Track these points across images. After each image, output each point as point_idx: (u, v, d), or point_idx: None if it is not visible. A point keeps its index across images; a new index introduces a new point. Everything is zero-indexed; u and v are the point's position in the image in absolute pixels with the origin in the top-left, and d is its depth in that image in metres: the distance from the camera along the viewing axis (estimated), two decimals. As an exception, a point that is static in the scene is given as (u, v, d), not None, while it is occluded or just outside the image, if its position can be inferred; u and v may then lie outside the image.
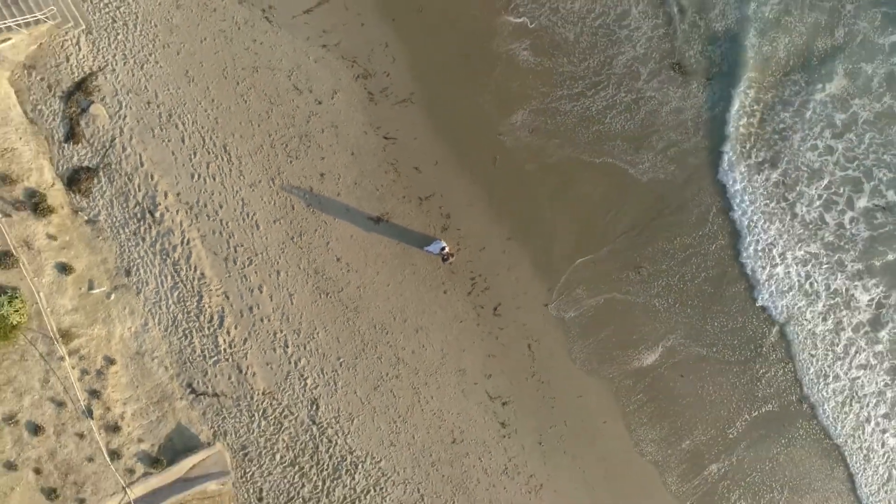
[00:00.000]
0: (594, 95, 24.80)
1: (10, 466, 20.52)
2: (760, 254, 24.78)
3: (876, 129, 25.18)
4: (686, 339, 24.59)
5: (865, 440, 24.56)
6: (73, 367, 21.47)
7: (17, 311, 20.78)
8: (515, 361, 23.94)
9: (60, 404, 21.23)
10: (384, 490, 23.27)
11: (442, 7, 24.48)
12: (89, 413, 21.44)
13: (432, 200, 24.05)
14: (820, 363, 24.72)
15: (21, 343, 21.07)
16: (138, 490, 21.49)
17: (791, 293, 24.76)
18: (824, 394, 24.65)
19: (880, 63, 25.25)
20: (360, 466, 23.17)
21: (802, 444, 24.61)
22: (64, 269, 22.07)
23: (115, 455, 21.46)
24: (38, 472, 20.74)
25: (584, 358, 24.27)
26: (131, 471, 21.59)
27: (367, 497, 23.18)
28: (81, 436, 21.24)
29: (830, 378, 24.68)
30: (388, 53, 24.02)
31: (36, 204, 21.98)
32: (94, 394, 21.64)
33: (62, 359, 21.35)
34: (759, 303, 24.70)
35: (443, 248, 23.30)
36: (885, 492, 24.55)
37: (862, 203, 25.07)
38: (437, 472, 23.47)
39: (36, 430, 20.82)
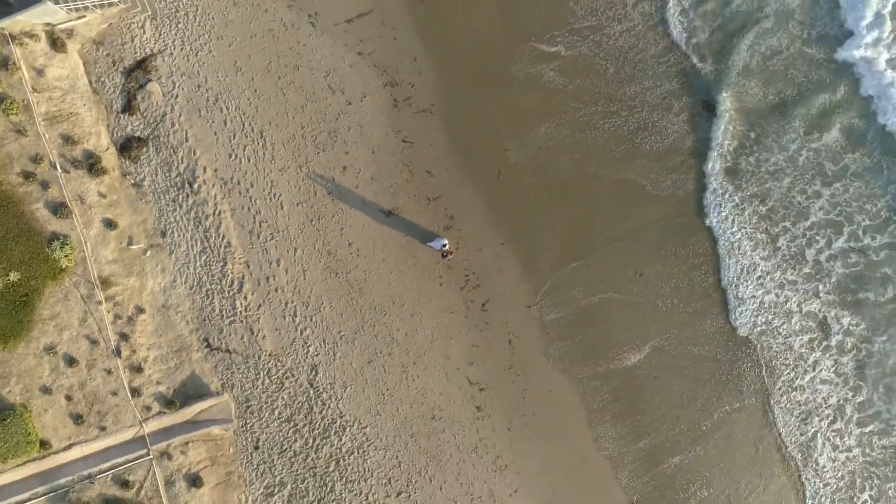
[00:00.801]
0: (627, 117, 27.29)
1: (46, 391, 23.47)
2: (740, 274, 27.44)
3: (862, 182, 27.66)
4: (659, 347, 27.25)
5: (819, 452, 27.35)
6: (108, 312, 24.40)
7: (66, 256, 23.73)
8: (496, 354, 26.73)
9: (94, 342, 24.17)
10: (366, 453, 26.11)
11: (468, 30, 27.25)
12: (117, 353, 24.36)
13: (439, 202, 26.88)
14: (788, 375, 27.41)
15: (66, 285, 24.00)
16: (152, 425, 24.40)
17: (765, 312, 27.44)
18: (787, 405, 27.38)
19: (874, 120, 27.65)
20: (347, 430, 26.02)
21: (759, 450, 27.30)
22: (109, 224, 25.00)
23: (135, 392, 24.39)
24: (69, 398, 23.68)
25: (559, 357, 27.03)
26: (148, 408, 24.53)
27: (351, 457, 26.03)
28: (109, 372, 24.17)
29: (796, 390, 27.39)
30: (415, 67, 26.85)
31: (91, 164, 24.91)
32: (123, 337, 24.56)
33: (100, 303, 24.28)
34: (735, 317, 27.38)
35: (443, 246, 26.12)
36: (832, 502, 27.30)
37: (840, 244, 27.63)
38: (415, 442, 26.30)
39: (71, 361, 23.76)
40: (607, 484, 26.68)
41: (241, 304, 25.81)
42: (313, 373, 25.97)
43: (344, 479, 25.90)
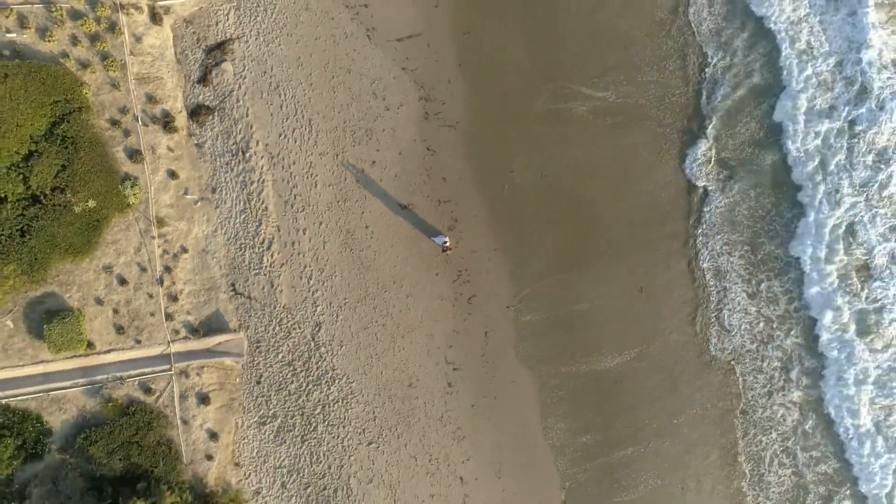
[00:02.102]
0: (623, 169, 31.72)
1: (98, 302, 28.23)
2: (721, 301, 31.93)
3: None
4: (625, 358, 31.44)
5: (768, 468, 31.69)
6: (159, 246, 29.14)
7: (133, 194, 28.48)
8: (473, 341, 31.22)
9: (143, 269, 28.91)
10: (349, 404, 30.68)
11: (500, 66, 31.69)
12: (160, 282, 29.10)
13: (448, 205, 31.42)
14: (755, 393, 31.61)
15: (129, 218, 28.77)
16: (177, 347, 29.10)
17: (743, 337, 31.83)
18: (752, 422, 31.56)
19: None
20: (336, 382, 30.62)
21: (707, 458, 31.57)
22: (171, 174, 29.74)
23: (168, 317, 29.11)
24: (115, 311, 28.44)
25: (526, 354, 31.45)
26: (176, 331, 29.25)
27: (335, 405, 30.62)
28: (150, 296, 28.92)
29: (759, 410, 31.64)
30: (448, 88, 31.40)
31: (166, 122, 29.66)
32: (167, 269, 29.29)
33: (153, 238, 29.03)
34: (714, 351, 31.68)
35: (445, 242, 30.65)
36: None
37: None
38: (391, 403, 30.84)
39: (122, 281, 28.52)
40: (547, 468, 31.08)
41: (268, 260, 30.48)
42: (317, 329, 30.59)
43: (326, 423, 30.48)
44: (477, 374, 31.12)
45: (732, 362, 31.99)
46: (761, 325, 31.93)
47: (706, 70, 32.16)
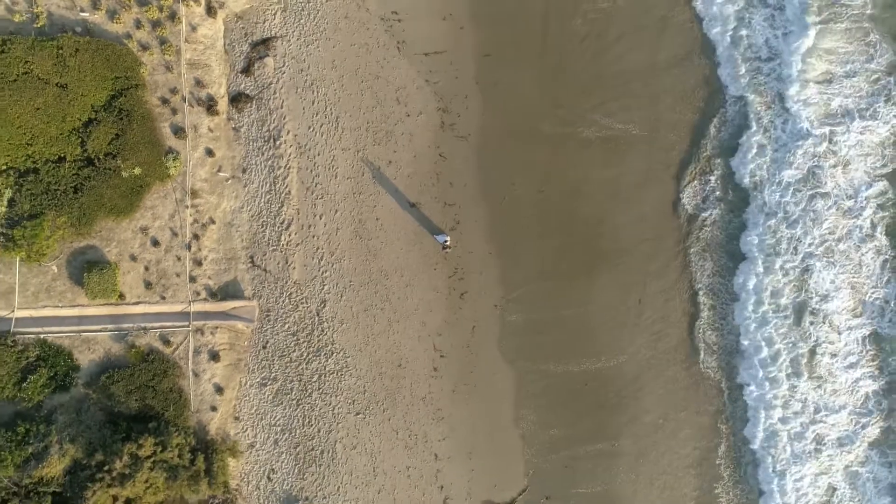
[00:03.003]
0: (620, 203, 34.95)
1: (133, 258, 31.64)
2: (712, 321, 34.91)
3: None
4: (592, 359, 34.51)
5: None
6: (190, 215, 32.53)
7: (174, 166, 31.89)
8: (460, 333, 34.43)
9: (174, 234, 32.31)
10: (342, 377, 33.96)
11: (515, 89, 34.85)
12: (188, 247, 32.48)
13: (452, 208, 34.68)
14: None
15: (168, 187, 32.17)
16: (196, 307, 32.46)
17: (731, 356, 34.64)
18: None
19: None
20: (334, 355, 33.90)
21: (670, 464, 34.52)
22: (209, 152, 33.12)
23: (192, 279, 32.48)
24: (146, 269, 31.83)
25: (508, 349, 34.57)
26: (197, 293, 32.62)
27: (331, 376, 33.90)
28: (178, 258, 32.30)
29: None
30: (465, 103, 34.67)
31: (209, 105, 33.05)
32: (195, 237, 32.67)
33: (187, 207, 32.43)
34: (702, 358, 34.40)
35: (446, 241, 33.89)
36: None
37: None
38: (381, 380, 34.10)
39: (155, 243, 31.93)
40: (514, 455, 34.19)
41: (285, 238, 33.82)
42: (322, 305, 33.90)
43: (321, 391, 33.78)
44: (461, 362, 34.33)
45: (700, 377, 34.93)
46: (728, 343, 34.78)
47: (702, 108, 35.18)
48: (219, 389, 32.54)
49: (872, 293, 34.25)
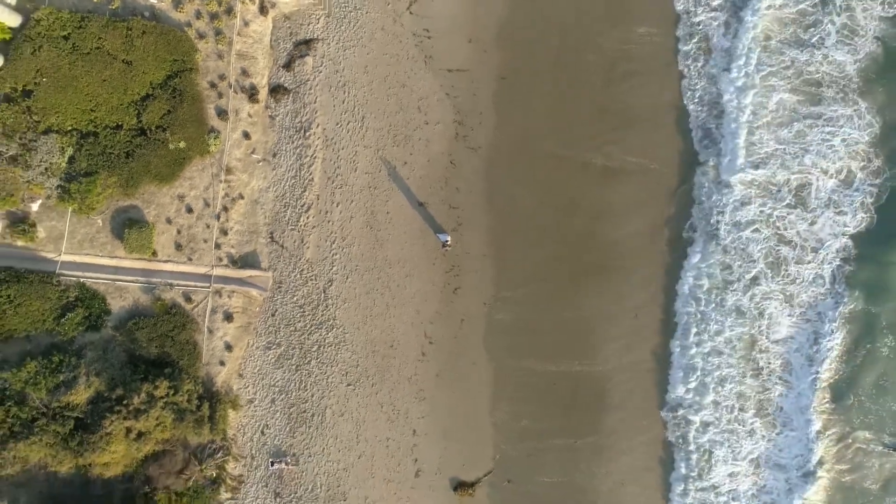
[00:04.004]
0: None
1: (168, 221, 35.51)
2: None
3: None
4: (568, 362, 37.84)
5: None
6: (223, 189, 36.36)
7: (214, 144, 35.74)
8: (450, 324, 38.01)
9: (207, 204, 36.15)
10: (339, 350, 37.63)
11: (528, 111, 38.38)
12: (217, 217, 36.31)
13: (456, 210, 38.33)
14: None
15: (206, 162, 36.02)
16: (218, 271, 36.25)
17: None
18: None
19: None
20: (334, 329, 37.59)
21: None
22: (245, 135, 36.95)
23: (217, 246, 36.28)
24: (178, 232, 35.68)
25: (491, 345, 38.03)
26: (220, 259, 36.44)
27: (329, 348, 37.57)
28: (207, 226, 36.14)
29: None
30: (479, 118, 38.34)
31: (251, 93, 36.89)
32: (225, 209, 36.49)
33: (221, 181, 36.27)
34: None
35: (446, 240, 37.54)
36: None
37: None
38: (373, 356, 37.75)
39: (189, 210, 35.77)
40: (485, 440, 37.60)
41: (304, 220, 37.59)
42: (329, 284, 37.63)
43: (318, 360, 37.47)
44: (447, 350, 37.93)
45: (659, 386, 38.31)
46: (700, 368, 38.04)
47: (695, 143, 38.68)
48: (228, 347, 36.33)
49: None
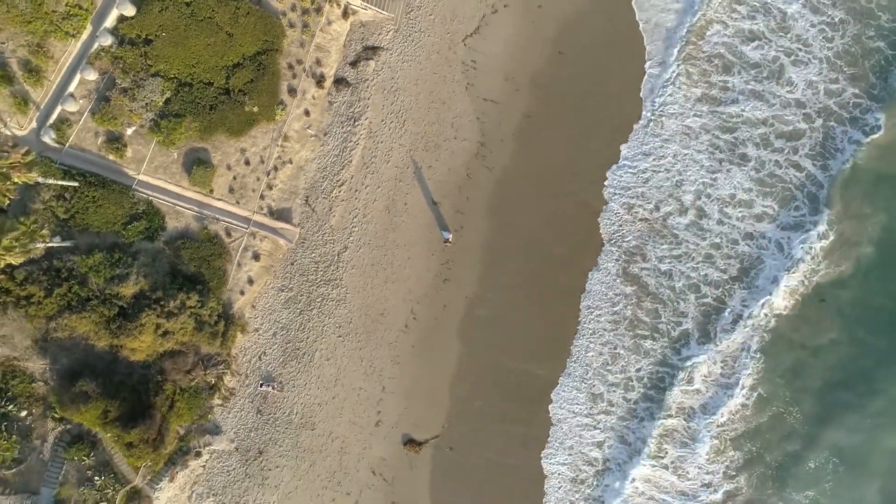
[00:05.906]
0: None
1: (228, 167, 42.79)
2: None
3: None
4: (526, 362, 44.60)
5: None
6: (277, 153, 43.72)
7: (280, 114, 43.12)
8: (434, 307, 44.87)
9: (261, 161, 43.50)
10: (339, 306, 44.49)
11: (545, 145, 45.24)
12: (268, 174, 43.66)
13: (462, 214, 45.26)
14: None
15: (269, 127, 43.35)
16: (257, 217, 43.43)
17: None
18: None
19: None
20: (339, 287, 44.63)
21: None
22: (306, 112, 44.32)
23: (262, 197, 43.61)
24: (234, 178, 42.99)
25: (464, 333, 44.52)
26: (261, 208, 43.84)
27: (331, 302, 44.51)
28: (258, 179, 43.41)
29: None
30: (500, 144, 45.25)
31: (319, 80, 44.26)
32: (275, 168, 43.77)
33: (277, 146, 43.66)
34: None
35: (448, 237, 44.49)
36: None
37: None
38: (365, 318, 44.67)
39: (247, 162, 43.13)
40: (441, 409, 44.10)
41: (336, 193, 44.81)
42: (343, 249, 44.77)
43: (319, 310, 44.52)
44: (427, 328, 44.80)
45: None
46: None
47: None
48: (250, 281, 43.60)
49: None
